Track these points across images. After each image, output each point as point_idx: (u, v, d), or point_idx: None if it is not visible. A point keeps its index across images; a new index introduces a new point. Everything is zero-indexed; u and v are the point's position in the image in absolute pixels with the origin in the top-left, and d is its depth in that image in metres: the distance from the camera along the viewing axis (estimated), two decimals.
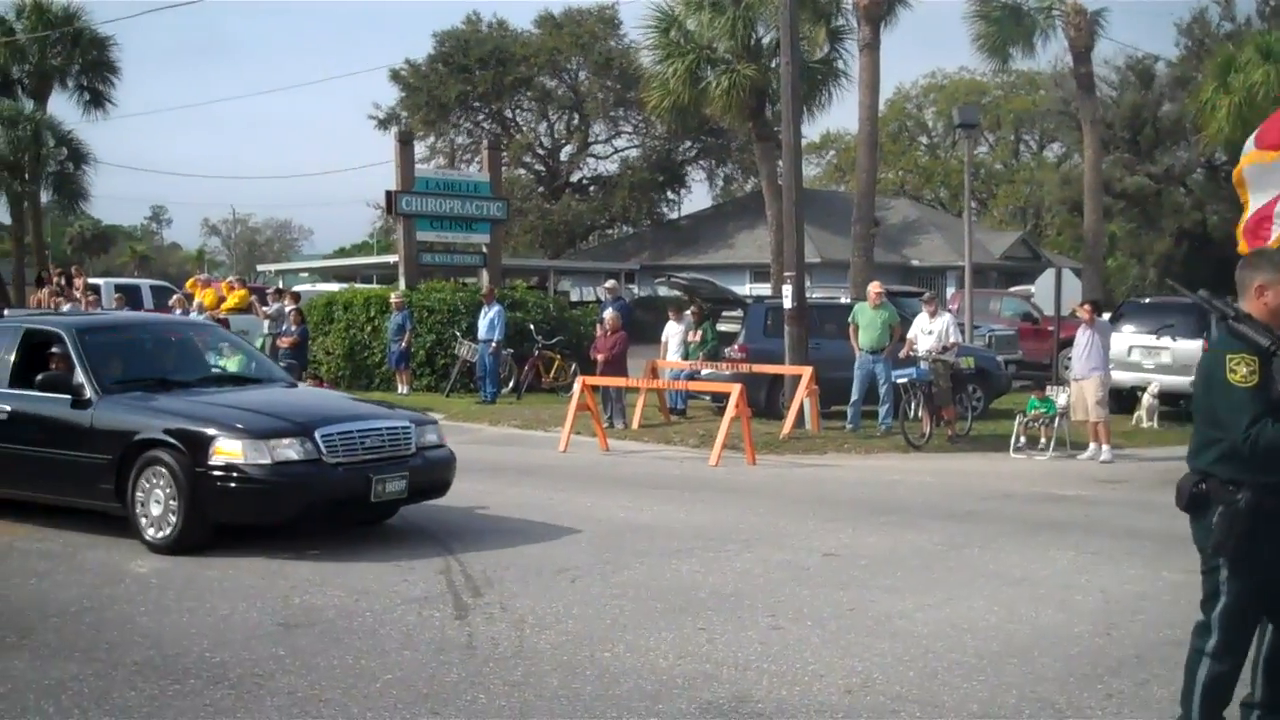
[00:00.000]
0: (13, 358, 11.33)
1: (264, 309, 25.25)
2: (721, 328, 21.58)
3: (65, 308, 28.14)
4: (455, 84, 52.04)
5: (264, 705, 6.33)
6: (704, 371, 19.64)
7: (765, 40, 31.07)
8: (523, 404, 22.42)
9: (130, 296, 29.95)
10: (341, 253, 75.51)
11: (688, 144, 54.79)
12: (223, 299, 28.02)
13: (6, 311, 29.79)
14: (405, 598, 8.56)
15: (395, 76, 53.93)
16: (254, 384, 11.85)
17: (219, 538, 10.00)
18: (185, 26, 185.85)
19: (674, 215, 57.36)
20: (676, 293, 25.12)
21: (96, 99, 41.95)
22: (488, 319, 22.90)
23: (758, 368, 18.82)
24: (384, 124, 54.62)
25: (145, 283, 36.43)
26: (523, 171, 55.36)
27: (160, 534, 9.90)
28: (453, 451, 11.23)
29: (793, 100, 19.13)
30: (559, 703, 6.40)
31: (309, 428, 10.07)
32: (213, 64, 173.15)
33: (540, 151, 56.52)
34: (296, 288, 33.02)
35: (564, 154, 57.10)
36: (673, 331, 21.23)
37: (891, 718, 6.21)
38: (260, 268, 64.19)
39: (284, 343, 22.61)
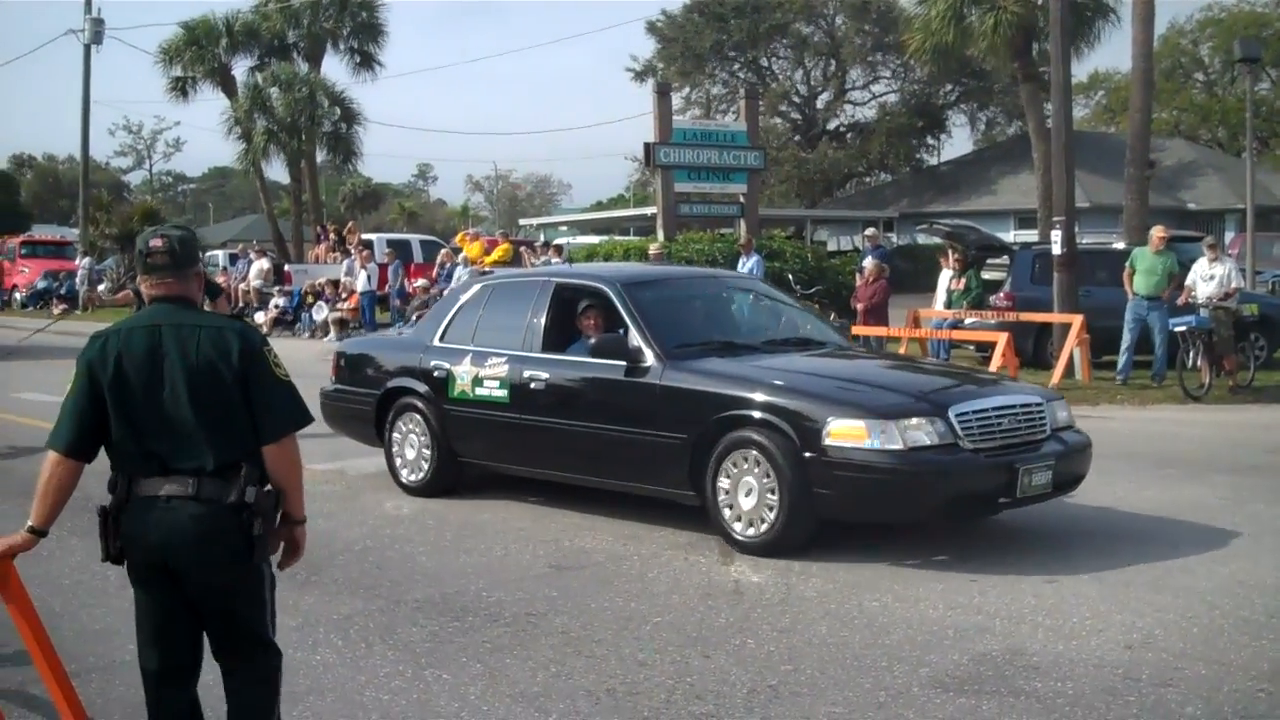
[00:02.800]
0: (543, 319, 9.82)
1: (533, 261, 25.85)
2: (986, 275, 21.04)
3: (344, 263, 29.46)
4: (711, 34, 52.01)
5: (540, 644, 6.50)
6: (968, 320, 19.20)
7: None
8: None
9: (400, 251, 31.08)
10: (599, 206, 76.66)
11: (948, 88, 53.52)
12: (488, 252, 28.80)
13: (288, 266, 31.12)
14: (671, 543, 8.66)
15: (652, 28, 54.25)
16: (817, 347, 9.94)
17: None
18: None
19: (934, 161, 56.19)
20: (938, 239, 24.62)
21: (366, 60, 43.49)
22: (746, 269, 22.87)
23: (1025, 316, 18.29)
24: (640, 76, 55.06)
25: (414, 237, 37.75)
26: (778, 120, 54.98)
27: (753, 532, 8.26)
28: (1087, 435, 9.20)
29: (1062, 37, 18.44)
30: (828, 650, 6.38)
31: (942, 405, 8.22)
32: (476, 24, 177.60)
33: (796, 99, 56.06)
34: (557, 240, 33.67)
35: (820, 101, 56.50)
36: (946, 279, 20.84)
37: (1174, 675, 5.98)
38: (522, 222, 65.80)
39: None
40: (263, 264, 33.24)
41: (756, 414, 8.30)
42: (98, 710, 5.46)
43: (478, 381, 9.86)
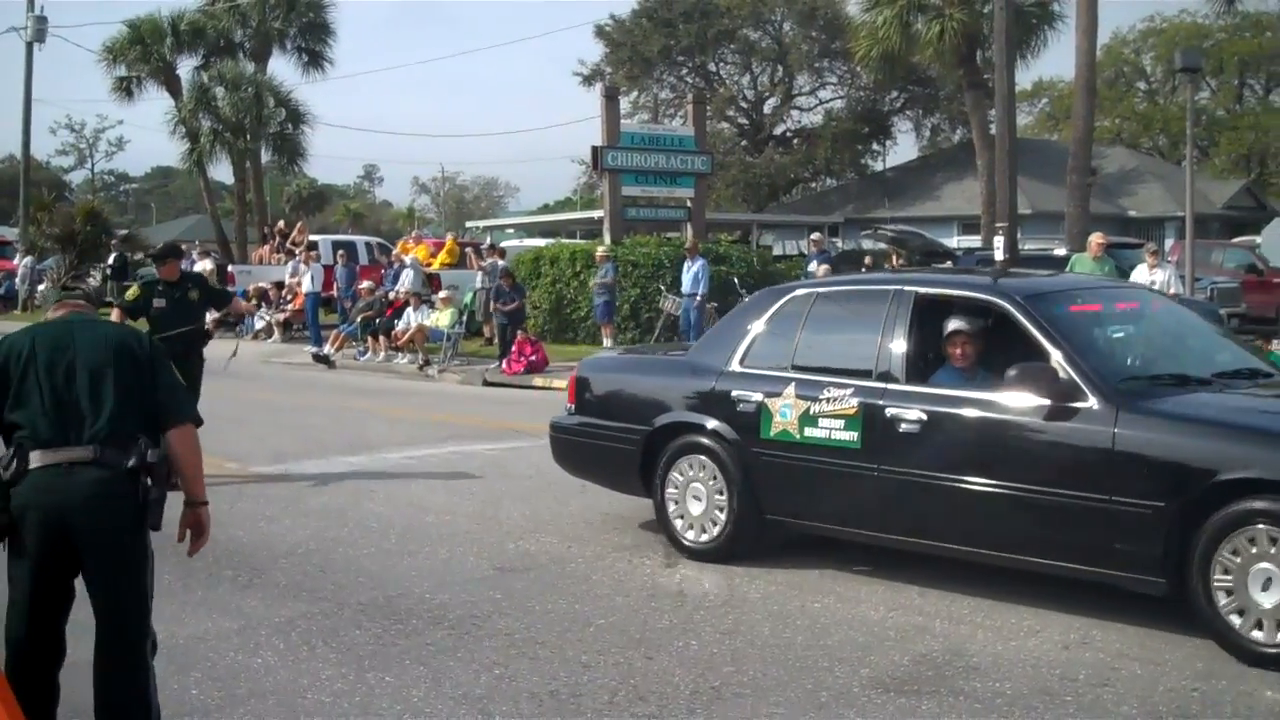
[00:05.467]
0: (905, 340, 7.66)
1: (481, 263, 25.77)
2: None
3: (289, 264, 29.25)
4: (659, 38, 52.05)
5: (482, 646, 6.50)
6: None
7: None
8: None
9: (348, 253, 30.91)
10: (546, 209, 76.53)
11: (894, 94, 53.84)
12: (434, 254, 28.71)
13: (232, 267, 30.87)
14: (616, 546, 8.68)
15: (600, 32, 54.23)
16: (1265, 377, 7.66)
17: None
18: None
19: (879, 167, 56.51)
20: (883, 245, 24.80)
21: (314, 60, 43.20)
22: (692, 273, 22.92)
23: None
24: (588, 80, 54.95)
25: (360, 239, 37.52)
26: (725, 125, 55.10)
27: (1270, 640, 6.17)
28: None
29: (1006, 46, 18.64)
30: (771, 651, 6.43)
31: None
32: (424, 25, 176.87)
33: (743, 105, 56.21)
34: (504, 244, 33.60)
35: (767, 106, 56.64)
36: None
37: (1111, 675, 6.06)
38: (469, 224, 65.58)
39: (505, 307, 22.70)
40: (206, 265, 32.87)
41: None
42: None
43: (809, 419, 7.75)
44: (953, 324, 7.65)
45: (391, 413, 16.15)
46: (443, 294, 23.41)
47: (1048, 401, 6.87)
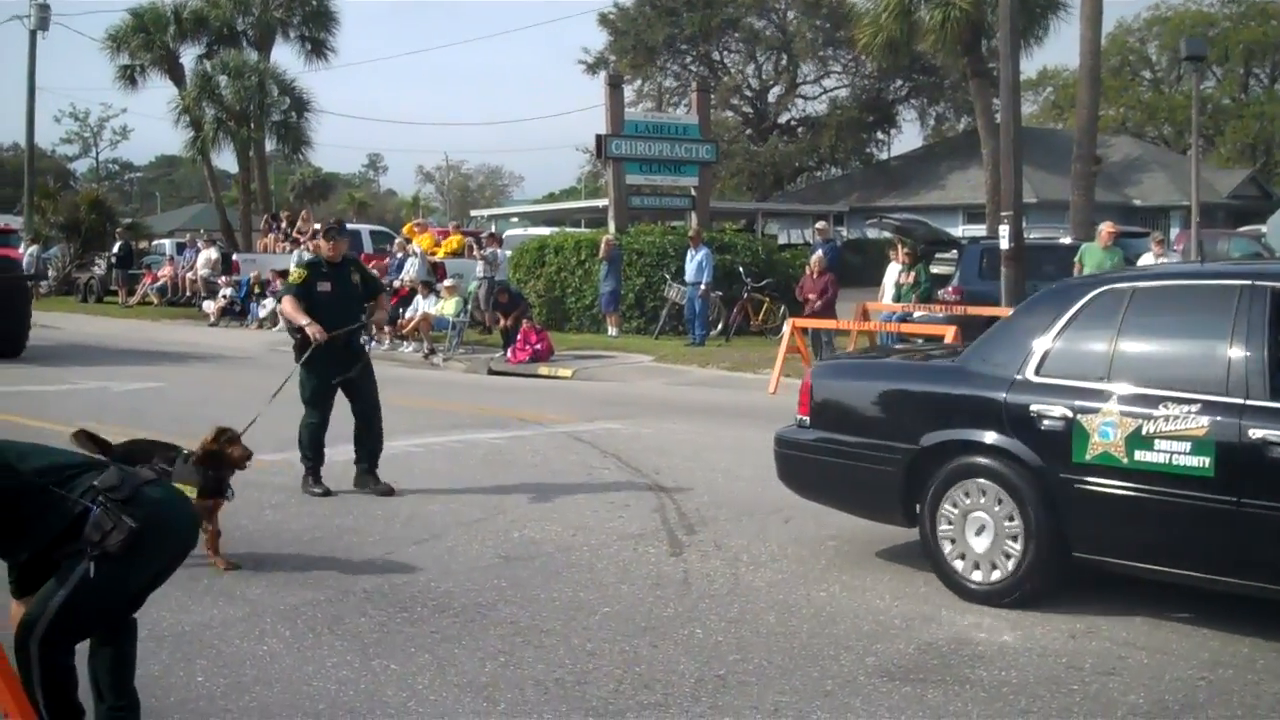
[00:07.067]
0: (1262, 349, 6.30)
1: (481, 253, 25.75)
2: (935, 270, 21.17)
3: (294, 253, 29.20)
4: (663, 26, 52.04)
5: (488, 634, 6.49)
6: (916, 314, 19.31)
7: None
8: (731, 346, 22.40)
9: (351, 241, 30.86)
10: (551, 198, 76.54)
11: (898, 83, 53.82)
12: (439, 243, 28.66)
13: (236, 255, 30.82)
14: (621, 534, 8.67)
15: (604, 20, 54.22)
16: None
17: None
18: None
19: (884, 156, 56.50)
20: (888, 234, 24.75)
21: (317, 48, 43.10)
22: (696, 261, 22.91)
23: (972, 310, 18.37)
24: (592, 68, 54.98)
25: (365, 228, 37.48)
26: (730, 114, 55.11)
27: None
28: None
29: (1011, 34, 18.56)
30: (776, 640, 6.42)
31: None
32: (428, 13, 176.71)
33: (748, 93, 56.18)
34: (508, 232, 33.56)
35: (772, 95, 56.65)
36: (892, 273, 20.96)
37: (1117, 664, 6.06)
38: (473, 213, 65.56)
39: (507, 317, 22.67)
40: (210, 253, 32.97)
41: None
42: None
43: (1140, 440, 6.43)
44: None
45: (396, 401, 16.05)
46: (447, 283, 23.39)
47: None
